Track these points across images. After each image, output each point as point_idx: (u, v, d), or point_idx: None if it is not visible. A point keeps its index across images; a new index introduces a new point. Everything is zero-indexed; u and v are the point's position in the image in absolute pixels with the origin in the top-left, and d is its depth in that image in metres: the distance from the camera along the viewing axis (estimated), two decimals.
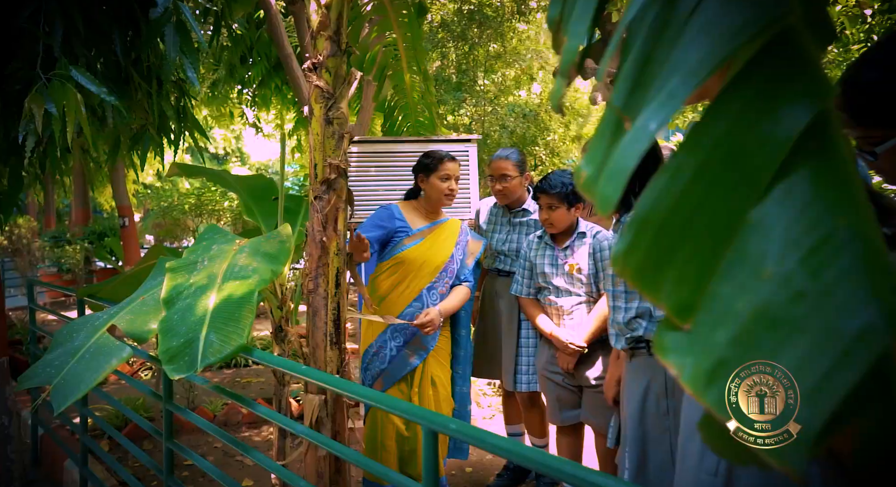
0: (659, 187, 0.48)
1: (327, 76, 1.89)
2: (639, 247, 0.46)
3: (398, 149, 3.31)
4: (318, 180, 1.91)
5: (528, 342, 2.51)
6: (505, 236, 2.61)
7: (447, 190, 2.38)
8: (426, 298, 2.38)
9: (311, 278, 1.93)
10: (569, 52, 0.59)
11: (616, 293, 1.50)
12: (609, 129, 0.52)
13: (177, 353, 1.49)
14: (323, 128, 1.89)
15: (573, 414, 2.36)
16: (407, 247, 2.39)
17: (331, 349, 1.93)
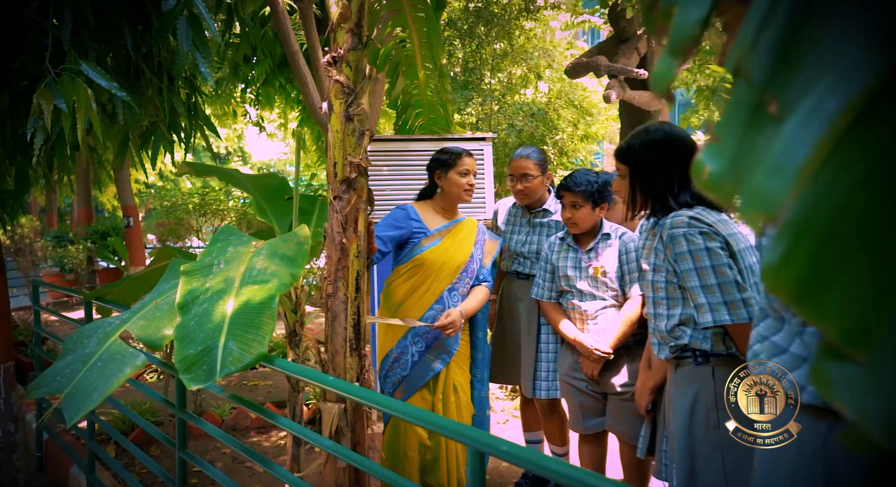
0: (822, 183, 0.39)
1: (347, 71, 1.82)
2: (798, 258, 0.38)
3: (411, 148, 3.23)
4: (337, 180, 1.83)
5: (548, 348, 2.43)
6: (524, 238, 2.53)
7: (466, 185, 2.32)
8: (447, 300, 2.30)
9: (330, 281, 1.85)
10: (683, 26, 0.51)
11: (657, 299, 1.43)
12: (744, 112, 0.43)
13: (194, 361, 1.41)
14: (343, 125, 1.82)
15: (597, 422, 2.28)
16: (426, 248, 2.31)
17: (350, 356, 1.86)
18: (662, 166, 1.44)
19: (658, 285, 1.42)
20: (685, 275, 1.31)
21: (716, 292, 1.26)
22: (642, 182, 1.47)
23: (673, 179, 1.43)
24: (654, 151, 1.45)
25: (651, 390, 1.76)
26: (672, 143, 1.44)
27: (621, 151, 1.53)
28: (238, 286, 1.58)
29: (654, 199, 1.45)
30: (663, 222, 1.40)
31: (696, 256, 1.29)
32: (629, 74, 4.24)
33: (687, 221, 1.34)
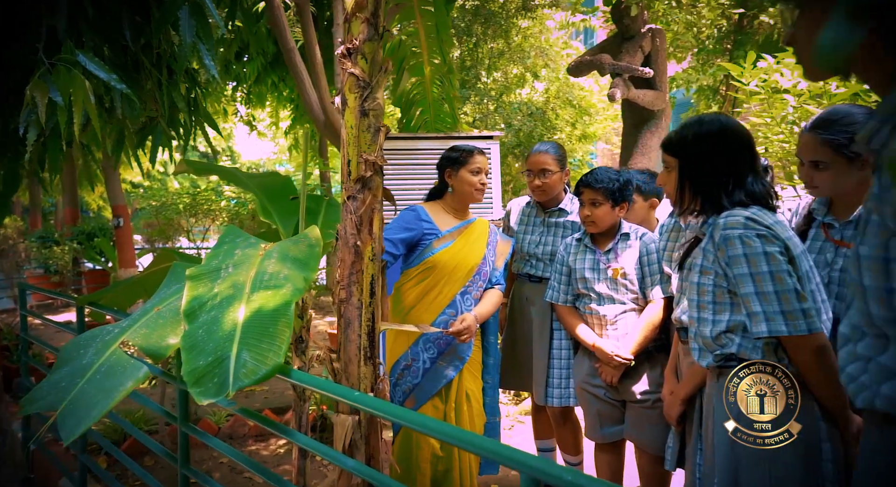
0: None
1: (363, 63, 1.72)
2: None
3: (417, 146, 3.14)
4: (351, 178, 1.73)
5: (561, 354, 2.35)
6: (539, 238, 2.45)
7: (479, 184, 2.23)
8: (460, 303, 2.21)
9: (343, 286, 1.75)
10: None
11: (702, 303, 1.34)
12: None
13: (205, 374, 1.31)
14: (358, 120, 1.72)
15: (615, 430, 2.20)
16: (438, 250, 2.22)
17: (365, 365, 1.76)
18: (716, 161, 1.35)
19: (704, 288, 1.33)
20: (739, 280, 1.23)
21: (772, 300, 1.18)
22: (693, 177, 1.38)
23: (727, 176, 1.35)
24: (707, 144, 1.36)
25: (682, 400, 1.68)
26: (728, 136, 1.35)
27: (671, 142, 1.44)
28: (249, 292, 1.47)
29: (705, 196, 1.36)
30: (715, 222, 1.31)
31: (752, 260, 1.21)
32: (634, 73, 4.18)
33: (743, 221, 1.26)
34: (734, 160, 1.34)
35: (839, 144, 1.44)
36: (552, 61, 7.14)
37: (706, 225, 1.37)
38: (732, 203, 1.31)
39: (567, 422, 2.42)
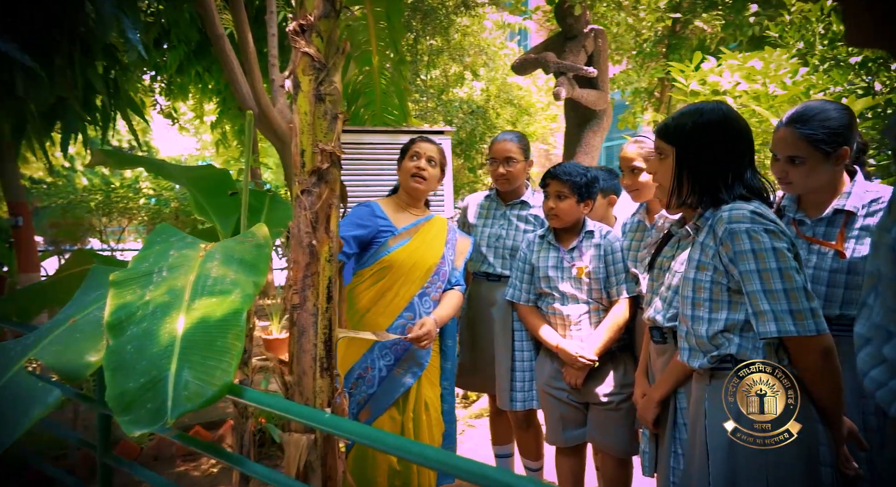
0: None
1: (318, 42, 1.54)
2: None
3: (362, 140, 2.96)
4: (305, 170, 1.56)
5: (523, 355, 2.26)
6: (499, 232, 2.34)
7: (414, 169, 2.10)
8: (418, 306, 2.07)
9: (296, 290, 1.57)
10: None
11: (697, 301, 1.27)
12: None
13: (135, 399, 1.10)
14: (313, 106, 1.54)
15: (578, 434, 2.13)
16: (394, 248, 2.07)
17: (321, 377, 1.59)
18: (717, 151, 1.28)
19: (700, 284, 1.26)
20: (746, 277, 1.16)
21: (781, 298, 1.13)
22: (691, 166, 1.31)
23: (727, 167, 1.28)
24: (708, 133, 1.28)
25: (658, 402, 1.62)
26: (729, 126, 1.29)
27: (667, 129, 1.35)
28: (189, 299, 1.27)
29: (704, 187, 1.29)
30: (716, 215, 1.24)
31: (761, 256, 1.15)
32: (578, 72, 4.19)
33: (749, 215, 1.19)
34: (735, 152, 1.28)
35: (817, 139, 1.42)
36: (491, 60, 7.11)
37: (702, 219, 1.31)
38: (732, 196, 1.25)
39: (530, 427, 2.33)
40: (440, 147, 2.20)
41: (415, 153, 2.14)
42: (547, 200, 2.08)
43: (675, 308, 1.61)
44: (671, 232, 1.74)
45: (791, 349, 1.13)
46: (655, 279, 1.73)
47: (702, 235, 1.28)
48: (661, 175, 1.37)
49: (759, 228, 1.15)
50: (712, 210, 1.28)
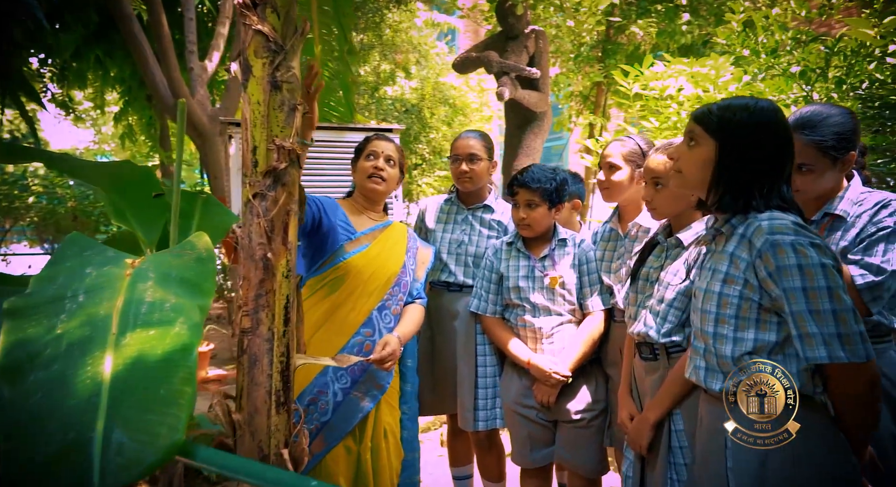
0: None
1: (274, 19, 1.31)
2: None
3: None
4: (258, 170, 1.32)
5: (487, 371, 2.11)
6: (461, 237, 2.17)
7: (370, 169, 1.91)
8: (377, 321, 1.87)
9: (247, 312, 1.33)
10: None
11: (722, 317, 1.14)
12: None
13: (46, 473, 0.84)
14: (268, 94, 1.31)
15: (545, 453, 2.01)
16: (351, 254, 1.86)
17: (276, 413, 1.35)
18: (763, 154, 1.16)
19: (727, 299, 1.14)
20: (790, 294, 1.05)
21: (829, 320, 1.03)
22: (731, 165, 1.17)
23: (768, 174, 1.17)
24: (756, 133, 1.15)
25: (654, 425, 1.52)
26: (780, 130, 1.17)
27: (709, 117, 1.20)
28: (118, 332, 1.01)
29: (739, 191, 1.17)
30: (753, 224, 1.11)
31: (808, 272, 1.04)
32: (521, 73, 4.12)
33: (793, 227, 1.09)
34: (779, 158, 1.17)
35: (826, 146, 1.37)
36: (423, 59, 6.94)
37: (727, 225, 1.19)
38: (767, 206, 1.15)
39: (492, 447, 2.19)
40: (398, 145, 2.01)
41: (371, 152, 1.94)
42: (517, 209, 1.95)
43: (670, 323, 1.52)
44: (656, 241, 1.65)
45: (834, 376, 1.04)
46: (641, 291, 1.64)
47: (730, 244, 1.16)
48: (685, 162, 1.23)
49: (806, 241, 1.05)
50: (740, 218, 1.17)
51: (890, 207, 1.44)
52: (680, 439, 1.49)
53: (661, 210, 1.56)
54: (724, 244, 1.18)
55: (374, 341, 1.87)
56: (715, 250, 1.23)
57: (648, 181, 1.56)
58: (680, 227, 1.57)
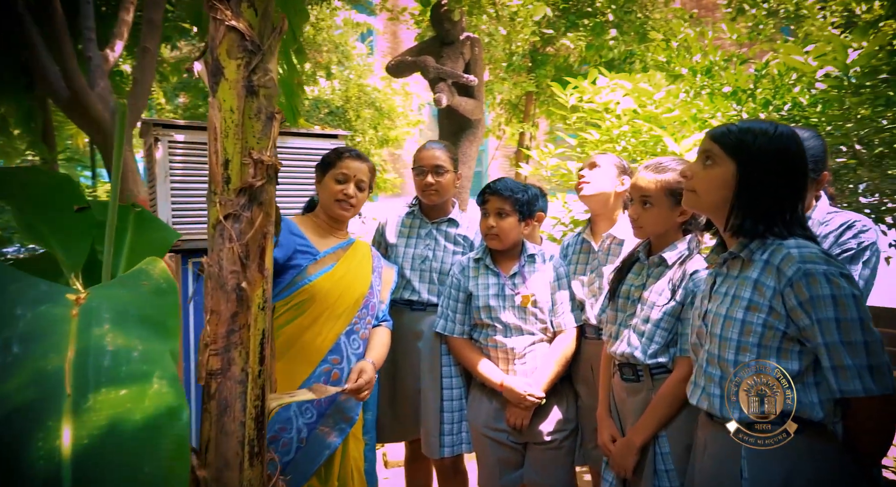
0: None
1: (251, 15, 1.14)
2: None
3: None
4: (231, 188, 1.14)
5: (452, 394, 2.02)
6: (424, 252, 2.06)
7: (340, 194, 1.77)
8: (345, 347, 1.73)
9: (216, 351, 1.15)
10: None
11: (744, 345, 1.10)
12: None
13: None
14: (242, 100, 1.14)
15: (515, 477, 1.95)
16: (315, 276, 1.70)
17: (250, 466, 1.18)
18: (785, 179, 1.15)
19: (751, 327, 1.12)
20: (823, 325, 1.03)
21: (860, 352, 1.03)
22: (753, 189, 1.15)
23: (789, 199, 1.16)
24: (778, 157, 1.14)
25: (640, 448, 1.50)
26: (800, 156, 1.16)
27: (729, 137, 1.17)
28: (75, 393, 0.81)
29: (760, 216, 1.15)
30: (781, 251, 1.09)
31: (842, 303, 1.03)
32: (458, 79, 4.06)
33: (823, 256, 1.08)
34: (799, 184, 1.17)
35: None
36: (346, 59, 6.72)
37: (746, 250, 1.17)
38: (790, 233, 1.14)
39: (457, 474, 2.09)
40: (373, 165, 1.87)
41: (342, 175, 1.78)
42: (486, 218, 1.87)
43: (656, 344, 1.50)
44: (636, 258, 1.64)
45: (860, 407, 1.05)
46: (621, 310, 1.62)
47: (753, 271, 1.14)
48: (700, 182, 1.20)
49: (836, 271, 1.05)
50: (758, 243, 1.16)
51: (854, 228, 1.52)
52: (666, 462, 1.48)
53: (647, 229, 1.55)
54: (745, 270, 1.17)
55: (342, 368, 1.72)
56: (729, 274, 1.21)
57: (636, 199, 1.54)
58: (662, 246, 1.57)
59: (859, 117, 2.36)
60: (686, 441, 1.45)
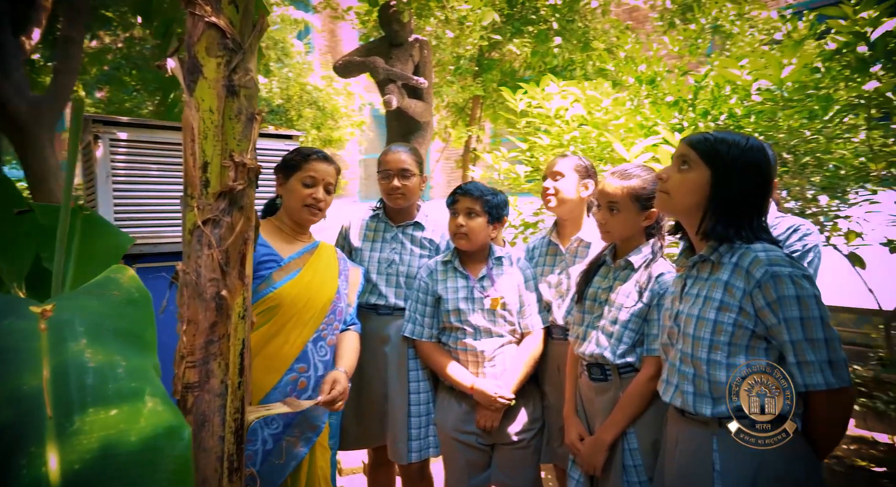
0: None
1: (232, 13, 1.10)
2: None
3: (166, 139, 2.34)
4: (210, 192, 1.09)
5: (420, 398, 2.01)
6: (390, 256, 2.04)
7: (309, 198, 1.72)
8: (312, 354, 1.68)
9: (193, 363, 1.09)
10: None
11: (716, 344, 1.17)
12: None
13: None
14: (222, 101, 1.09)
15: (482, 478, 1.97)
16: (281, 283, 1.65)
17: (230, 483, 1.13)
18: (753, 186, 1.22)
19: (722, 327, 1.18)
20: (790, 324, 1.11)
21: (821, 348, 1.11)
22: (727, 195, 1.22)
23: (757, 206, 1.23)
24: (750, 167, 1.21)
25: (608, 446, 1.55)
26: (768, 167, 1.23)
27: (705, 144, 1.24)
28: (57, 415, 0.75)
29: (730, 221, 1.22)
30: (751, 255, 1.16)
31: (805, 303, 1.11)
32: (409, 81, 4.04)
33: (788, 259, 1.15)
34: (766, 193, 1.24)
35: None
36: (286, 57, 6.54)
37: (716, 253, 1.23)
38: (756, 237, 1.21)
39: (423, 479, 2.08)
40: (337, 167, 1.83)
41: (310, 178, 1.71)
42: (455, 217, 1.88)
43: (625, 344, 1.56)
44: (602, 261, 1.70)
45: (819, 400, 1.13)
46: (588, 311, 1.67)
47: (723, 273, 1.21)
48: (675, 185, 1.26)
49: (800, 273, 1.13)
50: (726, 247, 1.23)
51: (800, 231, 1.64)
52: (634, 457, 1.53)
53: (615, 233, 1.61)
54: (715, 273, 1.23)
55: (309, 377, 1.67)
56: (699, 276, 1.28)
57: (604, 205, 1.60)
58: (628, 249, 1.63)
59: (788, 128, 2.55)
60: (653, 437, 1.52)
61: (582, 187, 1.88)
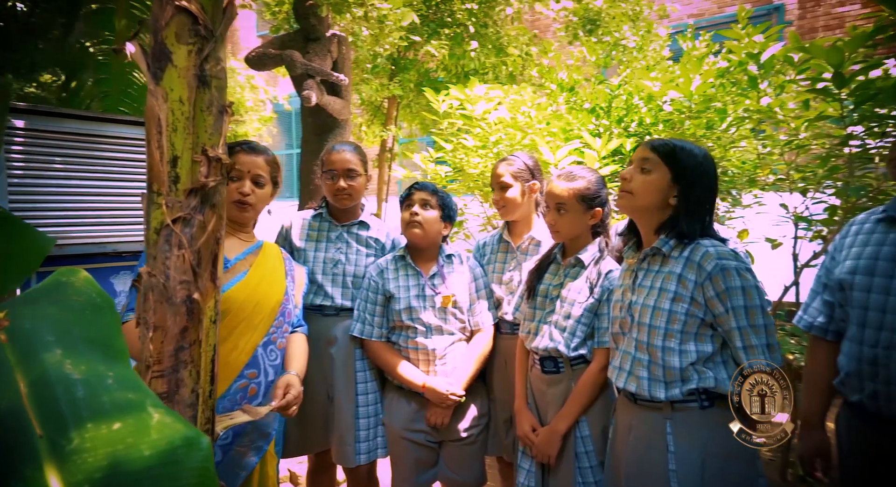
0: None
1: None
2: None
3: (84, 130, 2.15)
4: (179, 188, 1.02)
5: (368, 399, 1.99)
6: (336, 256, 2.00)
7: (236, 193, 1.65)
8: (263, 359, 1.62)
9: (161, 372, 1.02)
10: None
11: (670, 332, 1.28)
12: None
13: None
14: (193, 91, 1.02)
15: (430, 475, 2.00)
16: (228, 286, 1.57)
17: None
18: (705, 188, 1.35)
19: (676, 316, 1.29)
20: (736, 312, 1.23)
21: (762, 333, 1.23)
22: (686, 196, 1.33)
23: (709, 206, 1.35)
24: (702, 170, 1.34)
25: (562, 435, 1.63)
26: (713, 169, 1.37)
27: (666, 148, 1.35)
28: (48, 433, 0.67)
29: (690, 220, 1.33)
30: (700, 250, 1.28)
31: (749, 293, 1.23)
32: (328, 77, 3.93)
33: (733, 254, 1.27)
34: (713, 196, 1.37)
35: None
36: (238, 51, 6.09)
37: (667, 246, 1.35)
38: (705, 234, 1.33)
39: (371, 482, 2.06)
40: (272, 158, 1.75)
41: (236, 172, 1.63)
42: (409, 208, 1.90)
43: (578, 338, 1.64)
44: (552, 259, 1.78)
45: None
46: (540, 307, 1.74)
47: (676, 266, 1.32)
48: (638, 185, 1.37)
49: (743, 266, 1.27)
50: (675, 242, 1.35)
51: None
52: (586, 444, 1.63)
53: (564, 233, 1.70)
54: (666, 266, 1.35)
55: (259, 383, 1.60)
56: (650, 269, 1.39)
57: (552, 206, 1.68)
58: (576, 248, 1.73)
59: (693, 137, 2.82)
60: (601, 424, 1.62)
61: (528, 189, 1.95)
